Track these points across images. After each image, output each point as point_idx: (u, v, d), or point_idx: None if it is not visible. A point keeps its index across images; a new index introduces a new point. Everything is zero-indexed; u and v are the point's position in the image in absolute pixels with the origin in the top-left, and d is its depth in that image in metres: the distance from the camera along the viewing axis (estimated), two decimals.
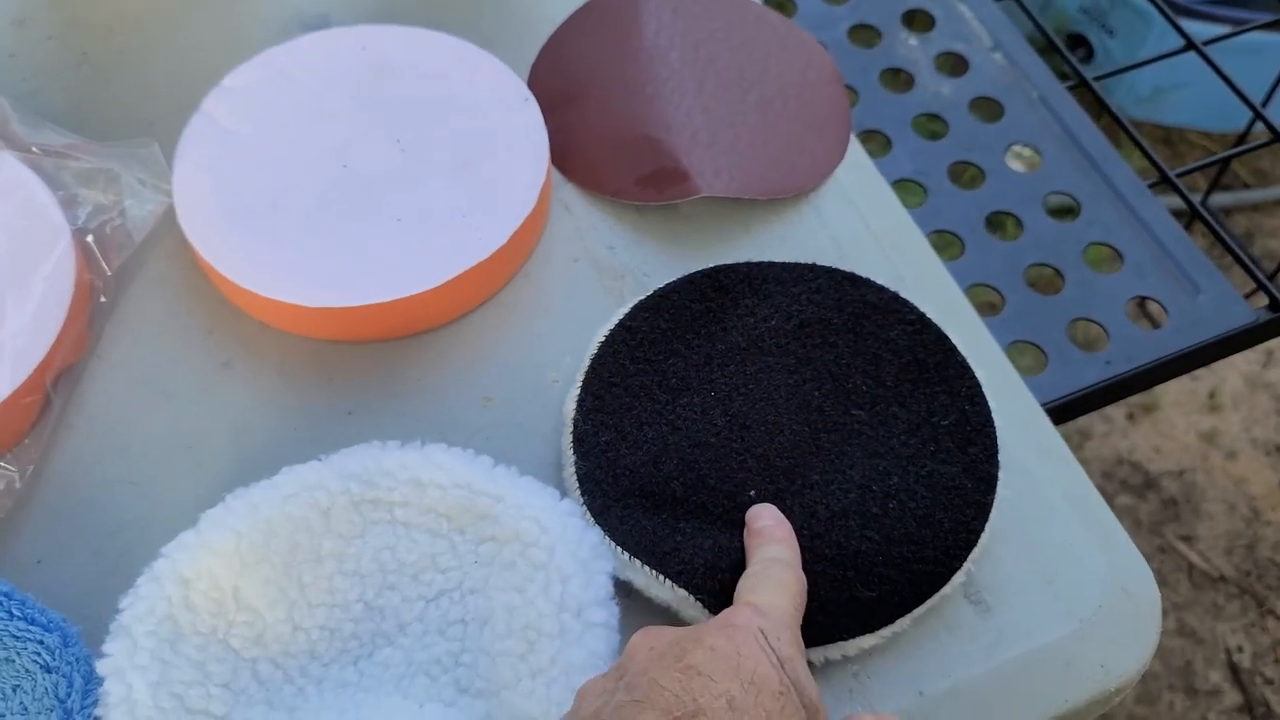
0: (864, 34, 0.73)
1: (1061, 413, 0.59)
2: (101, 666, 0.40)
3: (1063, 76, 0.72)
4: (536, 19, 0.60)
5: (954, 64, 0.72)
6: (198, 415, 0.48)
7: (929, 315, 0.50)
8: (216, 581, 0.42)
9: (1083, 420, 1.37)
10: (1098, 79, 0.73)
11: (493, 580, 0.43)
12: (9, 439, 0.46)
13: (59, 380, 0.47)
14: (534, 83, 0.57)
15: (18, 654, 0.40)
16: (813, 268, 0.51)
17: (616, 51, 0.58)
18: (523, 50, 0.59)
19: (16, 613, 0.41)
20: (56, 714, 0.40)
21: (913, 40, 0.72)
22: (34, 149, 0.52)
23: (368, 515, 0.44)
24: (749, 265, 0.50)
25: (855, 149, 0.57)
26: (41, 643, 0.41)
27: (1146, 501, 1.27)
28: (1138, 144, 0.70)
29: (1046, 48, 0.76)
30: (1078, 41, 1.45)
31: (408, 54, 0.55)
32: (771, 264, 0.51)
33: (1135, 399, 1.29)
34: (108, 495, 0.47)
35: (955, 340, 0.50)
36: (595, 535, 0.44)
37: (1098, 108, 0.72)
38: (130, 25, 0.59)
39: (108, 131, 0.54)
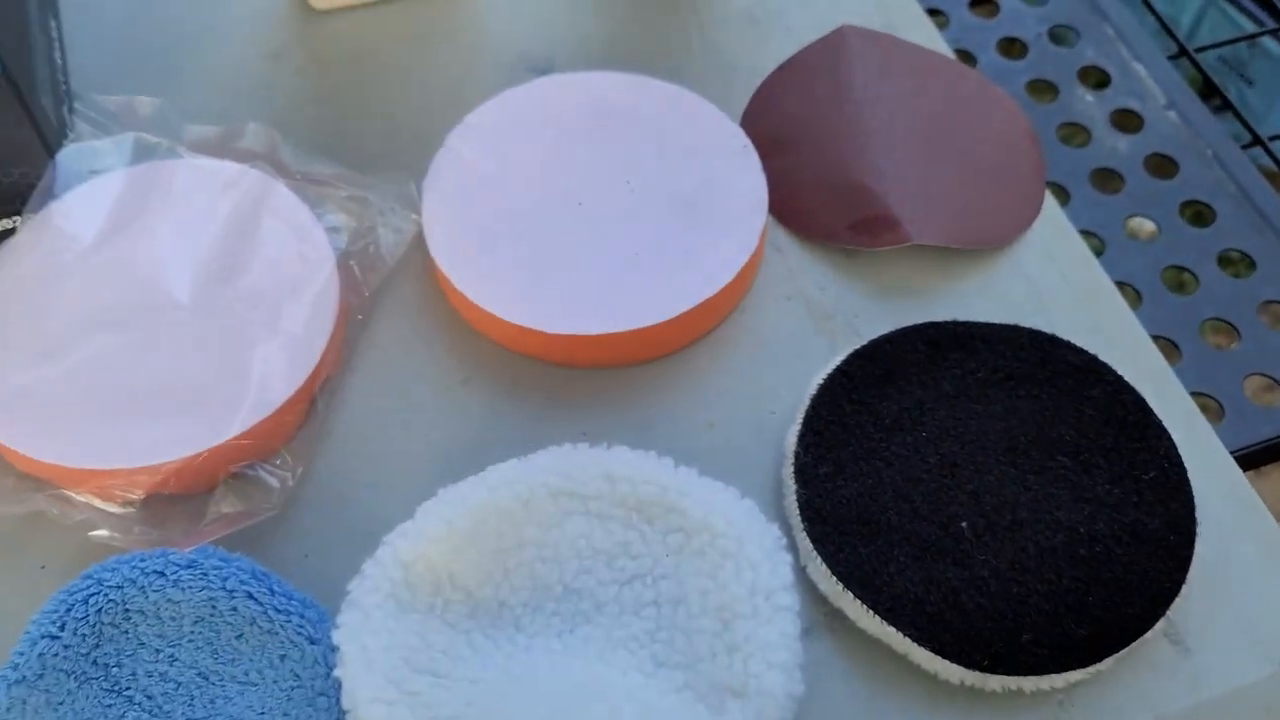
0: (1041, 89, 0.75)
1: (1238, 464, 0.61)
2: (337, 635, 0.44)
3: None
4: (744, 69, 0.64)
5: (1129, 120, 0.74)
6: (441, 428, 0.53)
7: (1124, 367, 0.53)
8: (431, 565, 0.46)
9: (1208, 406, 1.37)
10: (1273, 138, 0.75)
11: (683, 567, 0.46)
12: (281, 441, 0.51)
13: (323, 389, 0.52)
14: (744, 130, 0.60)
15: (281, 627, 0.45)
16: (1015, 328, 0.54)
17: (825, 102, 0.61)
18: (731, 99, 0.63)
19: (277, 589, 0.46)
20: (323, 680, 0.44)
21: (1089, 96, 0.75)
22: (298, 176, 0.56)
23: (564, 506, 0.47)
24: (955, 323, 0.54)
25: (1050, 204, 0.60)
26: (303, 615, 0.45)
27: None
28: None
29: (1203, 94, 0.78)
30: (1215, 90, 1.46)
31: (633, 99, 0.59)
32: (977, 323, 0.54)
33: None
34: (363, 497, 0.51)
35: (1149, 392, 0.53)
36: (776, 530, 0.47)
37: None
38: (372, 61, 0.64)
39: (353, 159, 0.59)
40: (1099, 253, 0.69)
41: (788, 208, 0.58)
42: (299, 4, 0.66)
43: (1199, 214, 0.71)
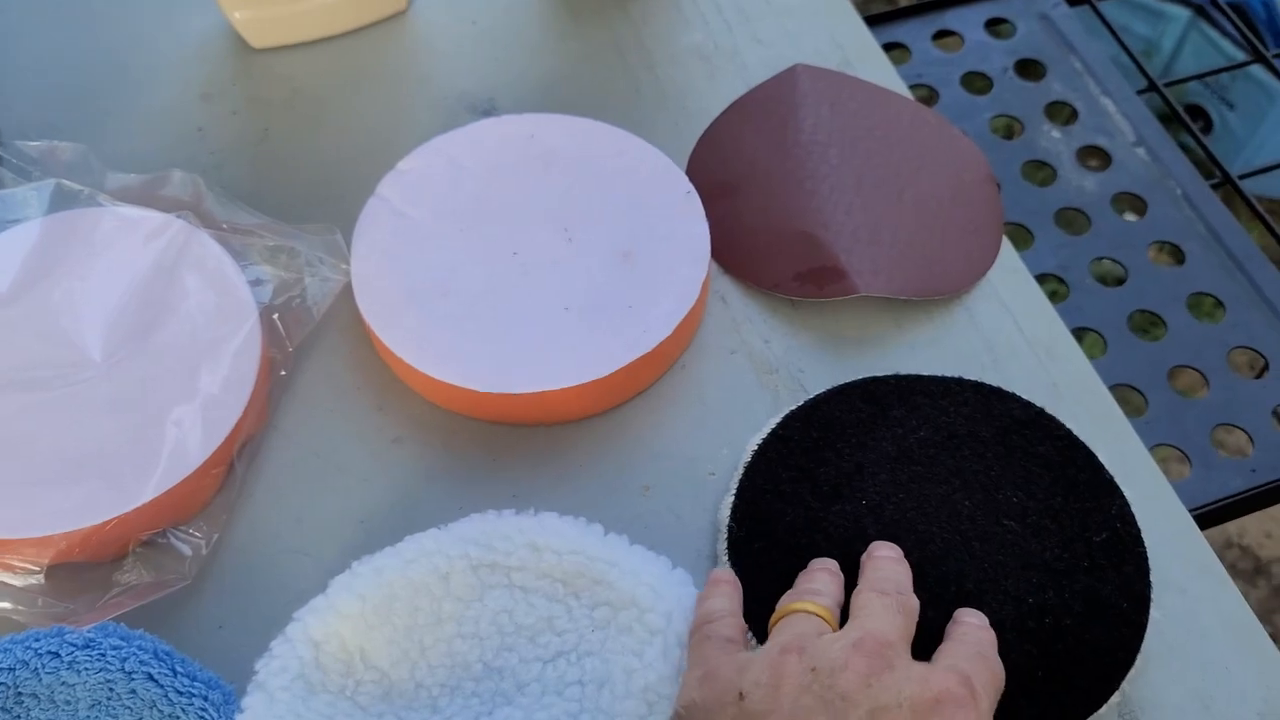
0: (1006, 124, 0.73)
1: (1203, 521, 0.59)
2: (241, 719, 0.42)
3: (1185, 149, 0.72)
4: (692, 110, 0.62)
5: (1096, 158, 0.72)
6: (368, 489, 0.51)
7: (1082, 423, 0.51)
8: (344, 643, 0.44)
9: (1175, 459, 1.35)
10: (1243, 177, 0.73)
11: (609, 644, 0.44)
12: (196, 506, 0.49)
13: (242, 450, 0.50)
14: (691, 173, 0.59)
15: (183, 710, 0.43)
16: (959, 381, 0.51)
17: (774, 146, 0.59)
18: (679, 140, 0.61)
19: (180, 670, 0.43)
20: None
21: (1055, 133, 0.73)
22: (224, 226, 0.54)
23: (485, 579, 0.45)
24: (897, 378, 0.51)
25: (1007, 251, 0.58)
26: (206, 698, 0.43)
27: (1257, 588, 1.24)
28: None
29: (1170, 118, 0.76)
30: (1196, 113, 1.44)
31: (573, 143, 0.57)
32: (919, 377, 0.52)
33: None
34: (283, 564, 0.49)
35: (1107, 450, 0.50)
36: None
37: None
38: (307, 103, 0.62)
39: (285, 204, 0.57)
40: (1064, 296, 0.66)
41: (733, 255, 0.56)
42: (235, 41, 0.64)
43: (1168, 255, 0.69)
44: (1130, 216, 0.70)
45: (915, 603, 0.43)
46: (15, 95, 0.62)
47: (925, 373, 0.52)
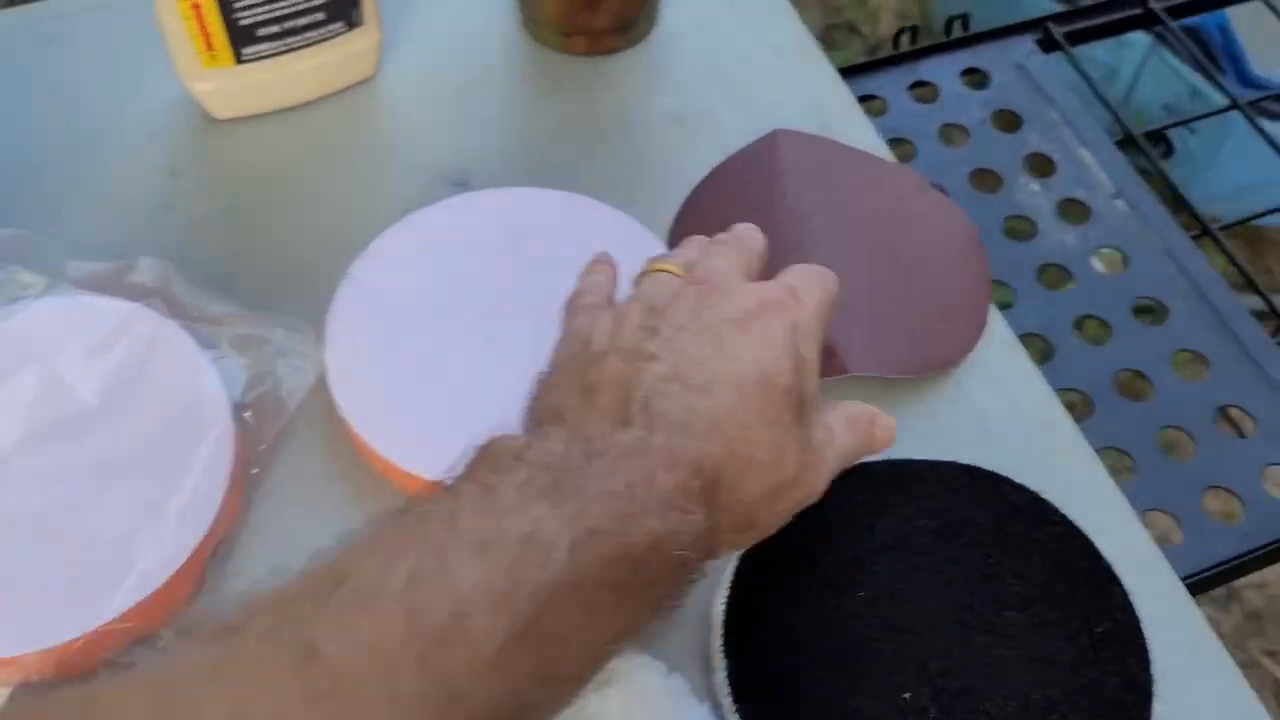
0: (984, 179, 0.73)
1: (1194, 588, 0.58)
2: None
3: (1143, 173, 0.72)
4: (671, 177, 0.61)
5: (1077, 211, 0.71)
6: None
7: (1077, 503, 0.50)
8: None
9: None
10: (1223, 229, 0.72)
11: None
12: (167, 615, 0.46)
13: (216, 552, 0.48)
14: (673, 245, 0.57)
15: None
16: (953, 465, 0.51)
17: (757, 216, 0.57)
18: (658, 210, 0.59)
19: None
20: None
21: (1034, 186, 0.72)
22: (193, 313, 0.52)
23: None
24: (891, 463, 0.50)
25: (997, 320, 0.57)
26: None
27: (1229, 614, 1.25)
28: (1265, 299, 0.69)
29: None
30: (1158, 138, 1.44)
31: (553, 219, 0.56)
32: (914, 462, 0.50)
33: None
34: None
35: (1103, 525, 0.50)
36: (706, 712, 0.45)
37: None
38: (276, 179, 0.60)
39: (255, 286, 0.55)
40: (1048, 356, 0.66)
41: None
42: (198, 113, 0.62)
43: (1151, 312, 0.68)
44: (1110, 271, 0.70)
45: (758, 242, 0.46)
46: None
47: (919, 454, 0.51)
